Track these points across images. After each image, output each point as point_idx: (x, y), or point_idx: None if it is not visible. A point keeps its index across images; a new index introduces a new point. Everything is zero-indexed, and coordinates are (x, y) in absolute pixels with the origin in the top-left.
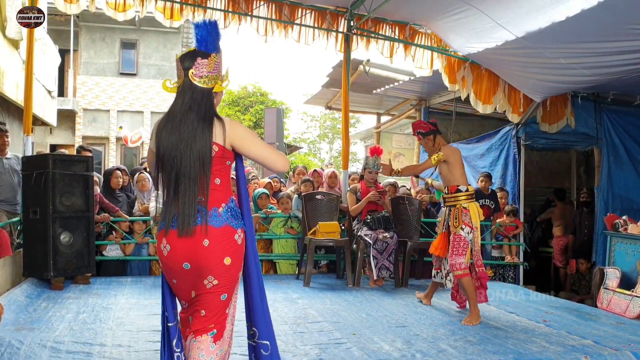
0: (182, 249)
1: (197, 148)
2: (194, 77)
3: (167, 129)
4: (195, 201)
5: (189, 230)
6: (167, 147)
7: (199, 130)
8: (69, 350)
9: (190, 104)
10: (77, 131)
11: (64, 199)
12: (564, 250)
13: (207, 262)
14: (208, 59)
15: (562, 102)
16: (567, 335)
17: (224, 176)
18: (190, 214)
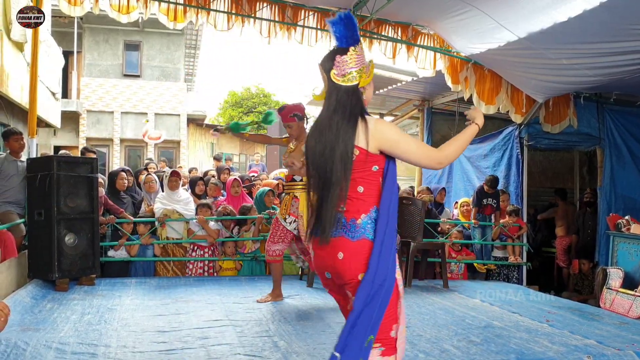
0: (322, 258)
1: (339, 152)
2: (336, 78)
3: (314, 135)
4: (335, 210)
5: (326, 240)
6: (314, 154)
7: (342, 132)
8: (74, 351)
9: (335, 107)
10: (81, 133)
11: (68, 200)
12: (567, 250)
13: (343, 276)
14: (347, 54)
15: (564, 102)
16: (570, 335)
17: (369, 183)
18: (328, 224)
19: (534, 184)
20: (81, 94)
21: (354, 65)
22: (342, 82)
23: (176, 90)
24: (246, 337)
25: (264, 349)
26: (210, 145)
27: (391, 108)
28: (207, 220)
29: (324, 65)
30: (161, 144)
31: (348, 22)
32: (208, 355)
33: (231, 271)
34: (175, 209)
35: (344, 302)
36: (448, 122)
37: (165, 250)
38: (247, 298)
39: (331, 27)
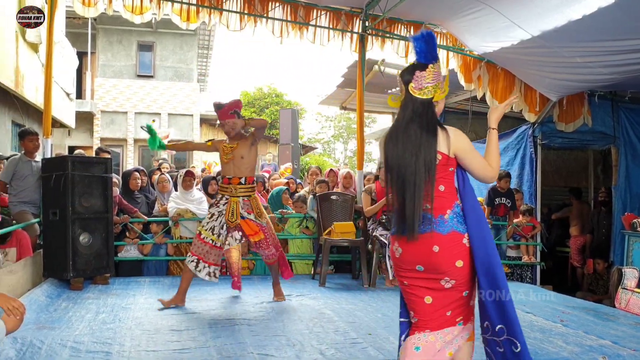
0: (413, 253)
1: (422, 157)
2: (414, 90)
3: (392, 141)
4: (421, 208)
5: (415, 236)
6: (393, 158)
7: (423, 139)
8: (89, 350)
9: (411, 116)
10: (95, 133)
11: (83, 200)
12: (582, 250)
13: (441, 266)
14: (426, 70)
15: (578, 101)
16: (585, 336)
17: (448, 182)
18: (416, 221)
19: (547, 183)
20: (95, 95)
21: (430, 81)
22: (419, 95)
23: (189, 90)
24: (259, 336)
25: (277, 347)
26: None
27: None
28: None
29: (403, 78)
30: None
31: (429, 39)
32: (221, 354)
33: (244, 270)
34: (188, 209)
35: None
36: (461, 121)
37: (179, 249)
38: (259, 297)
39: (413, 42)
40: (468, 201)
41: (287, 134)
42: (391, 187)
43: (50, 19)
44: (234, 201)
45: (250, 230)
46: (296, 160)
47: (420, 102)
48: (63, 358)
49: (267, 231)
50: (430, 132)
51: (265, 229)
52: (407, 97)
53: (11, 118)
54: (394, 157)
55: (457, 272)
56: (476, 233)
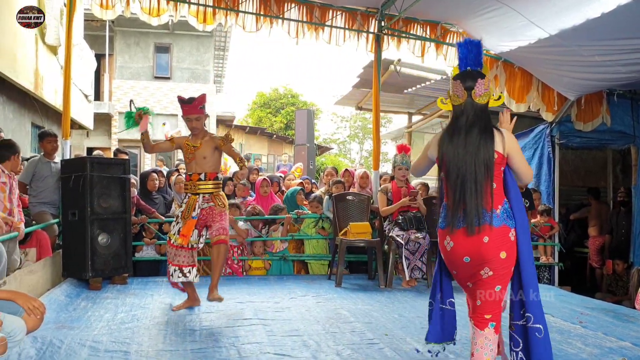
0: (465, 245)
1: (482, 157)
2: (475, 96)
3: (453, 142)
4: (481, 204)
5: (474, 229)
6: (454, 158)
7: (483, 141)
8: (107, 349)
9: (473, 120)
10: (113, 134)
11: (101, 201)
12: (600, 250)
13: (486, 256)
14: (485, 78)
15: (597, 100)
16: (604, 337)
17: (499, 181)
18: (476, 215)
19: (565, 183)
20: (113, 96)
21: (487, 88)
22: (479, 101)
23: (205, 91)
24: (275, 336)
25: (293, 348)
26: (239, 146)
27: (419, 107)
28: (236, 220)
29: (465, 84)
30: None
31: (479, 47)
32: (238, 353)
33: (260, 270)
34: None
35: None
36: None
37: None
38: (276, 297)
39: (461, 49)
40: (515, 200)
41: (302, 135)
42: (448, 185)
43: (69, 22)
44: (192, 199)
45: (187, 231)
46: (312, 160)
47: (480, 107)
48: (82, 357)
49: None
50: (489, 133)
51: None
52: (468, 102)
53: (31, 120)
54: (454, 157)
55: (498, 262)
56: (522, 230)
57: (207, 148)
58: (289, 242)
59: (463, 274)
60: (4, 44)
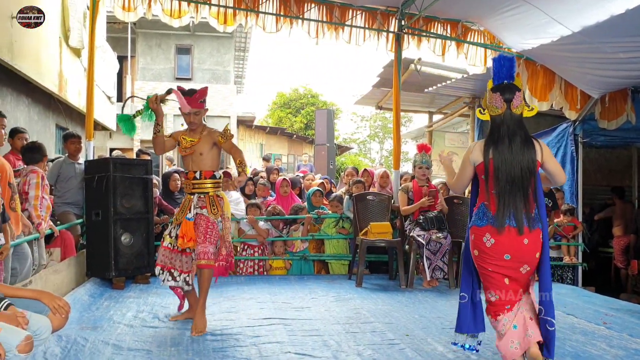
0: (507, 244)
1: (526, 164)
2: (513, 107)
3: (499, 149)
4: (529, 208)
5: (523, 229)
6: (502, 164)
7: (526, 149)
8: (130, 348)
9: (514, 130)
10: (136, 135)
11: (124, 201)
12: (625, 250)
13: (527, 256)
14: (520, 91)
15: (621, 97)
16: (630, 339)
17: (533, 187)
18: (526, 218)
19: (589, 182)
20: (135, 98)
21: (521, 100)
22: (516, 112)
23: (226, 92)
24: (296, 335)
25: (314, 347)
26: (260, 146)
27: (440, 106)
28: (256, 220)
29: (504, 95)
30: None
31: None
32: (259, 353)
33: (281, 270)
34: None
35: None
36: None
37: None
38: (296, 297)
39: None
40: (541, 204)
41: (322, 135)
42: (494, 187)
43: (92, 25)
44: (188, 199)
45: (186, 233)
46: (332, 160)
47: (518, 118)
48: (106, 356)
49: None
50: (530, 143)
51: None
52: (507, 113)
53: (55, 122)
54: (502, 163)
55: (535, 261)
56: (545, 232)
57: (205, 144)
58: (310, 242)
59: (500, 270)
60: (28, 47)
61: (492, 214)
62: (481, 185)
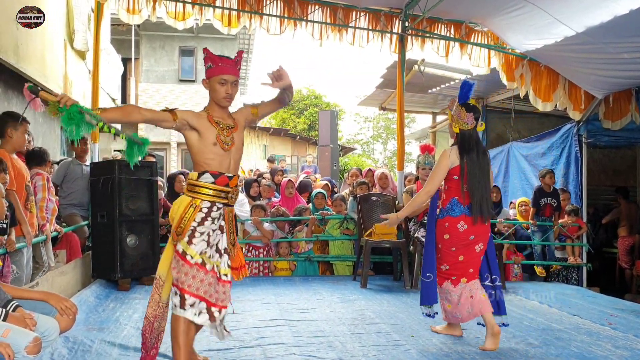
0: (475, 228)
1: (487, 167)
2: (478, 125)
3: (470, 156)
4: (489, 200)
5: (486, 217)
6: (472, 168)
7: (485, 157)
8: (137, 349)
9: (477, 141)
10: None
11: (129, 203)
12: (630, 250)
13: (485, 237)
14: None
15: (625, 97)
16: (635, 339)
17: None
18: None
19: (593, 183)
20: (139, 100)
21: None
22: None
23: None
24: (301, 337)
25: (319, 349)
26: (264, 147)
27: (444, 107)
28: (261, 221)
29: (475, 115)
30: None
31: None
32: (264, 354)
33: (285, 271)
34: None
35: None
36: (503, 119)
37: None
38: (301, 298)
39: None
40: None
41: (326, 135)
42: (468, 185)
43: (97, 27)
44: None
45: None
46: (335, 161)
47: (477, 133)
48: (113, 357)
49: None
50: (486, 152)
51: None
52: (475, 129)
53: (60, 124)
54: (472, 167)
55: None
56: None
57: (241, 130)
58: (314, 243)
59: (462, 249)
60: (33, 50)
61: (464, 206)
62: (454, 184)
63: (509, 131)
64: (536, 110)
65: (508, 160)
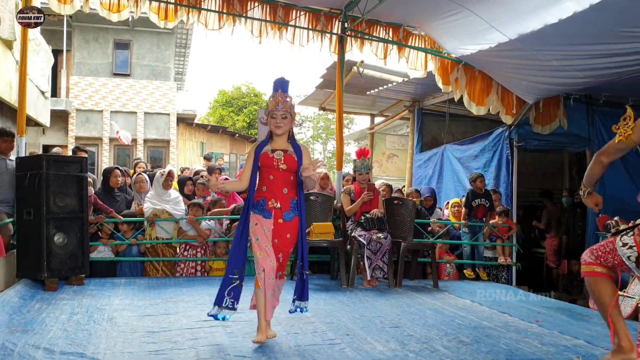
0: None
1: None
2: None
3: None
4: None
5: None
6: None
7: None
8: (63, 352)
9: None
10: (70, 132)
11: (57, 199)
12: (557, 251)
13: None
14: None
15: (554, 103)
16: (560, 336)
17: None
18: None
19: (523, 185)
20: (70, 93)
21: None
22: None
23: (166, 89)
24: (236, 337)
25: (254, 349)
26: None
27: (382, 109)
28: (197, 220)
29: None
30: (150, 144)
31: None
32: (197, 355)
33: (221, 271)
34: (165, 209)
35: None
36: (438, 123)
37: (155, 250)
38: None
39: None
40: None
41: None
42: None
43: None
44: None
45: None
46: None
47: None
48: None
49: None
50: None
51: None
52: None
53: None
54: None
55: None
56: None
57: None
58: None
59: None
60: None
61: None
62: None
63: (443, 134)
64: (470, 114)
65: (442, 162)
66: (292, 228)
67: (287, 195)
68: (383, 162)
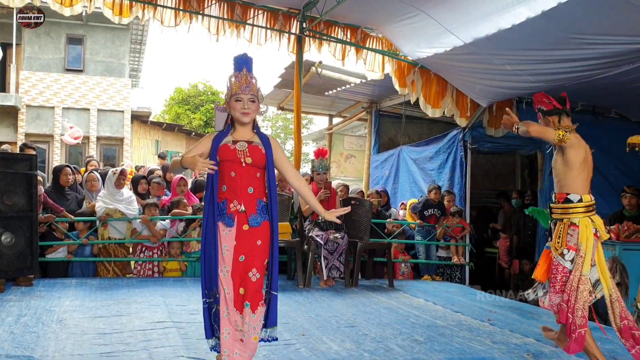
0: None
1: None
2: None
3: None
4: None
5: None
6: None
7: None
8: (9, 355)
9: None
10: (20, 128)
11: (5, 198)
12: (509, 251)
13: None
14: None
15: (507, 107)
16: (511, 334)
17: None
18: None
19: (476, 186)
20: (20, 88)
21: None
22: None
23: (120, 86)
24: (190, 339)
25: (208, 351)
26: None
27: (340, 109)
28: (150, 220)
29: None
30: (103, 141)
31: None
32: (150, 357)
33: (176, 272)
34: (117, 208)
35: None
36: (395, 124)
37: (106, 250)
38: (191, 300)
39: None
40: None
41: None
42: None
43: None
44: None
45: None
46: None
47: None
48: None
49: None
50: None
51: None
52: None
53: None
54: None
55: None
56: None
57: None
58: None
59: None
60: None
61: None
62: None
63: (399, 135)
64: (426, 116)
65: (398, 163)
66: (262, 234)
67: (253, 195)
68: (341, 163)
